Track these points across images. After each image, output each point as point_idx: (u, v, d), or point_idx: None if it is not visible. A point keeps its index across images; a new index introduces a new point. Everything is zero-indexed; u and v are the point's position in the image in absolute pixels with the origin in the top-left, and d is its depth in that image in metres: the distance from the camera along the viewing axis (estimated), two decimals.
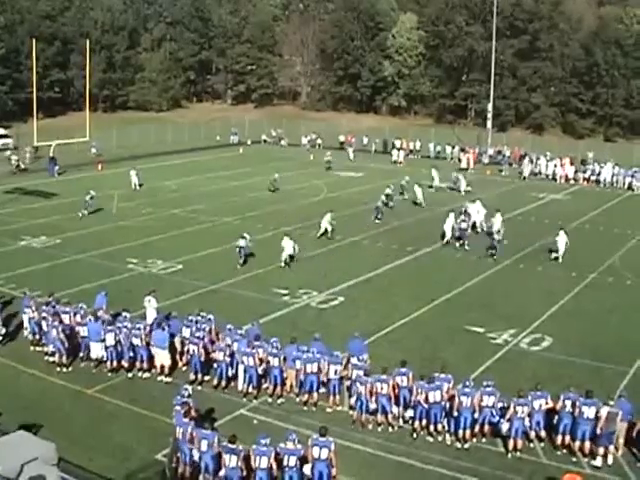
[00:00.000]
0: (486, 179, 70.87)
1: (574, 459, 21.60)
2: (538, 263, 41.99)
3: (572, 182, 70.18)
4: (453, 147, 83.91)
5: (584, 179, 70.45)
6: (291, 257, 41.10)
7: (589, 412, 21.40)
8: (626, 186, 67.62)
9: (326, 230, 46.35)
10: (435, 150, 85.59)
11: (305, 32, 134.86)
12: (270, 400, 24.91)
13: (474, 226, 48.00)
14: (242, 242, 40.71)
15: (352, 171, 74.08)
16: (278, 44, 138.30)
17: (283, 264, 40.63)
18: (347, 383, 24.58)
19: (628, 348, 29.71)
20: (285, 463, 19.18)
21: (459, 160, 78.43)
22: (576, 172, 71.17)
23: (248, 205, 56.21)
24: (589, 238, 43.67)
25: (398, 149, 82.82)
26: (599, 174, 69.86)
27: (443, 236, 45.84)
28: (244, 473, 19.12)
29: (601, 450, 21.34)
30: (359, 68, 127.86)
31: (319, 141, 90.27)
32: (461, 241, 45.41)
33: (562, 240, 42.54)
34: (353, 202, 57.20)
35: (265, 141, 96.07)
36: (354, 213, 53.02)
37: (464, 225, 45.80)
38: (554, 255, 42.74)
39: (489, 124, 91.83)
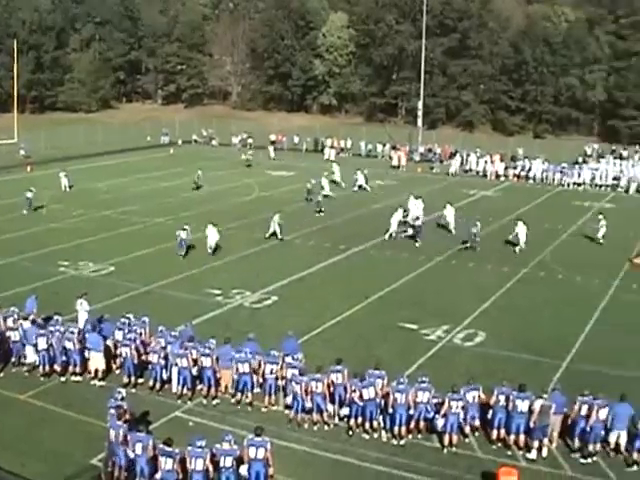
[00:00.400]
0: (417, 177, 71.34)
1: (509, 452, 21.81)
2: (470, 259, 42.34)
3: (502, 178, 71.02)
4: (384, 145, 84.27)
5: (514, 175, 71.34)
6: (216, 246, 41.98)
7: (523, 406, 21.64)
8: (556, 182, 68.59)
9: (275, 231, 46.15)
10: (366, 148, 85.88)
11: (235, 31, 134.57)
12: (205, 401, 24.74)
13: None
14: (183, 234, 41.35)
15: (283, 170, 74.03)
16: (208, 43, 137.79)
17: (212, 252, 41.83)
18: (282, 382, 24.54)
19: (560, 342, 30.10)
20: (221, 464, 19.09)
21: (390, 158, 78.96)
22: (506, 168, 72.10)
23: (180, 205, 55.84)
24: None
25: (330, 147, 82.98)
26: (529, 170, 70.88)
27: (388, 230, 46.13)
28: (180, 476, 18.97)
29: (535, 443, 21.57)
30: (290, 67, 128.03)
31: (250, 140, 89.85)
32: (415, 237, 45.65)
33: (522, 231, 43.41)
34: (285, 201, 56.99)
35: (196, 141, 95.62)
36: (287, 212, 52.75)
37: (418, 222, 46.07)
38: (517, 248, 43.53)
39: (419, 122, 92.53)
